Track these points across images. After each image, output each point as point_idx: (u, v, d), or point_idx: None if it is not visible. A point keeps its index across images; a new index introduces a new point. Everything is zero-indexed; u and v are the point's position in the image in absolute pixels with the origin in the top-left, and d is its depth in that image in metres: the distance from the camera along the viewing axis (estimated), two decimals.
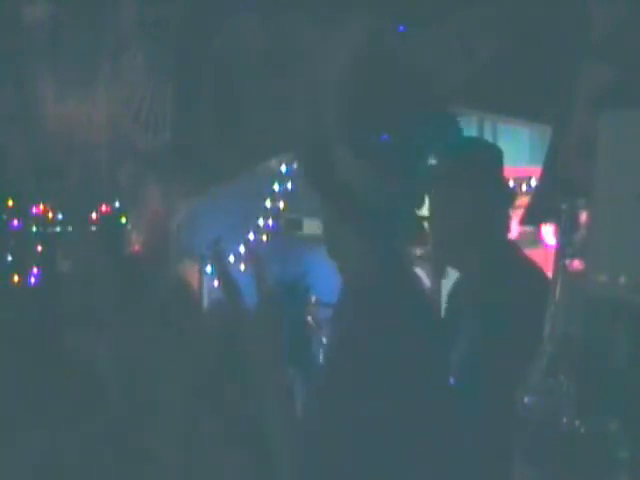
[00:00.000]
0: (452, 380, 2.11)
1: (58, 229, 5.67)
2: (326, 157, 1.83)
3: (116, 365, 2.49)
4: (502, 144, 6.09)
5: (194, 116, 5.23)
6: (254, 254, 4.60)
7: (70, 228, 5.64)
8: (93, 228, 5.64)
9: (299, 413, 1.81)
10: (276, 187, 6.54)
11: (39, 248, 5.60)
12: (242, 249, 6.56)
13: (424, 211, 2.66)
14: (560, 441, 1.17)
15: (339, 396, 1.74)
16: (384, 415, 1.71)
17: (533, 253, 3.01)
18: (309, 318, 6.00)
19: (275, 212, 6.61)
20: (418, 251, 6.17)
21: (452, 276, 3.00)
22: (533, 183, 5.41)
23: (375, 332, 1.75)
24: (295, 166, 6.19)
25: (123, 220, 5.69)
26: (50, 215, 5.66)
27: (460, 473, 1.84)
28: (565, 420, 1.18)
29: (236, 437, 2.37)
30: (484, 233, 2.61)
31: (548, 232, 5.16)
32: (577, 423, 1.16)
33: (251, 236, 6.61)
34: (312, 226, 6.01)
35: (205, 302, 5.22)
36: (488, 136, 6.38)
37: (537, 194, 3.78)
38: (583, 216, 1.24)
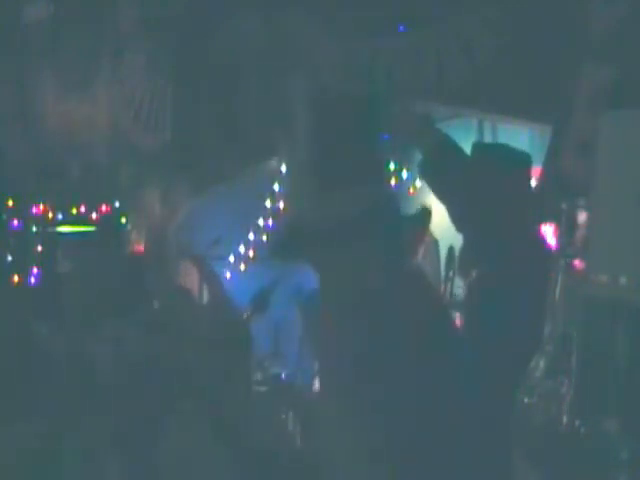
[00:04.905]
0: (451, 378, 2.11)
1: (58, 229, 5.68)
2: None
3: (116, 365, 2.50)
4: None
5: (194, 116, 5.23)
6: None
7: (70, 228, 5.65)
8: (93, 228, 5.65)
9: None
10: (276, 187, 6.53)
11: (39, 248, 5.61)
12: (242, 249, 6.56)
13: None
14: (560, 441, 1.17)
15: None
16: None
17: None
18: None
19: (275, 212, 6.59)
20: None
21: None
22: (533, 183, 5.40)
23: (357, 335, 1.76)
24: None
25: (123, 220, 5.69)
26: (50, 215, 5.67)
27: (460, 473, 1.84)
28: (565, 420, 1.18)
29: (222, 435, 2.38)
30: (514, 233, 2.62)
31: (548, 232, 5.15)
32: (577, 423, 1.16)
33: (251, 236, 6.61)
34: None
35: (205, 302, 5.22)
36: (488, 136, 6.36)
37: (537, 194, 3.78)
38: (583, 216, 1.24)
